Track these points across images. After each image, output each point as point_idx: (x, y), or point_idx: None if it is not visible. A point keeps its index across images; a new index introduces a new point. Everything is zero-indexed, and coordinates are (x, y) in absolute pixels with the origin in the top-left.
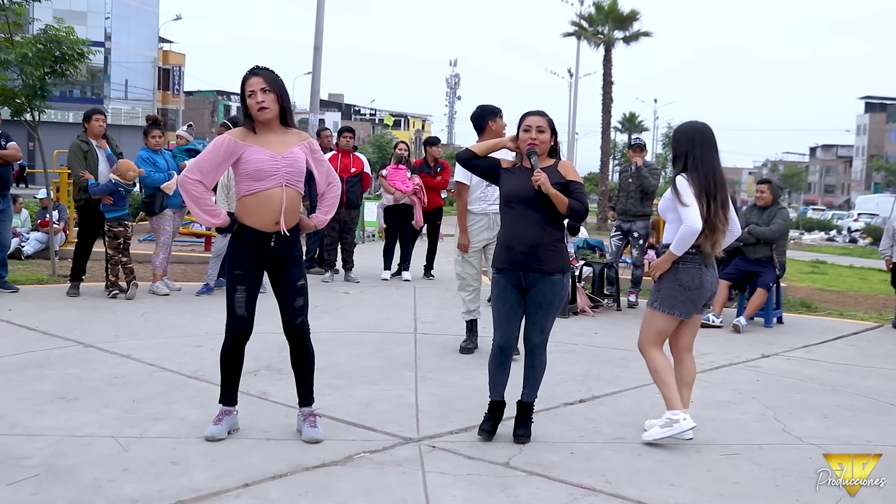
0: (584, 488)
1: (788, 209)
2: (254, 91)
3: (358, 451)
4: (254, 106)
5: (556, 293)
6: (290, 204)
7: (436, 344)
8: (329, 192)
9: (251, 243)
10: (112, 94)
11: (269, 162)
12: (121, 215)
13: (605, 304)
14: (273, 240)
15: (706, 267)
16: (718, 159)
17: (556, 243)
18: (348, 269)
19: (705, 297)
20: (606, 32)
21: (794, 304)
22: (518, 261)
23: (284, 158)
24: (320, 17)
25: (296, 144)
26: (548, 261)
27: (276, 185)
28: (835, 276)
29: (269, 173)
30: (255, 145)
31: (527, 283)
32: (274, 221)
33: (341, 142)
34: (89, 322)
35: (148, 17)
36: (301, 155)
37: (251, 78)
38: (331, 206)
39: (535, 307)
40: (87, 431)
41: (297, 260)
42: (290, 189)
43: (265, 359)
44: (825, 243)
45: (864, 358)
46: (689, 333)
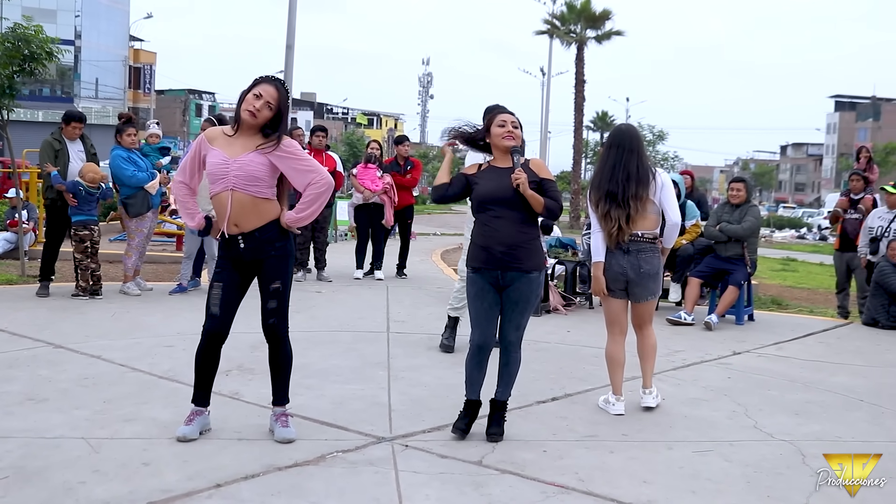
0: (556, 486)
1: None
2: (261, 96)
3: (330, 451)
4: (246, 108)
5: (533, 291)
6: (239, 208)
7: (409, 343)
8: (307, 190)
9: (226, 244)
10: (82, 92)
11: (219, 165)
12: (86, 219)
13: (578, 302)
14: (241, 241)
15: (612, 253)
16: (627, 157)
17: (532, 241)
18: (321, 268)
19: (616, 279)
20: (579, 31)
21: (765, 301)
22: (496, 260)
23: (235, 162)
24: (292, 15)
25: (257, 149)
26: (525, 259)
27: (224, 189)
28: (805, 274)
29: (219, 176)
30: (216, 147)
31: (504, 282)
32: (233, 223)
33: (314, 141)
34: (59, 323)
35: (119, 16)
36: (258, 159)
37: (267, 86)
38: (307, 204)
39: (512, 305)
40: (57, 433)
41: (275, 260)
42: (239, 193)
43: (237, 359)
44: (796, 241)
45: (834, 354)
46: (634, 315)
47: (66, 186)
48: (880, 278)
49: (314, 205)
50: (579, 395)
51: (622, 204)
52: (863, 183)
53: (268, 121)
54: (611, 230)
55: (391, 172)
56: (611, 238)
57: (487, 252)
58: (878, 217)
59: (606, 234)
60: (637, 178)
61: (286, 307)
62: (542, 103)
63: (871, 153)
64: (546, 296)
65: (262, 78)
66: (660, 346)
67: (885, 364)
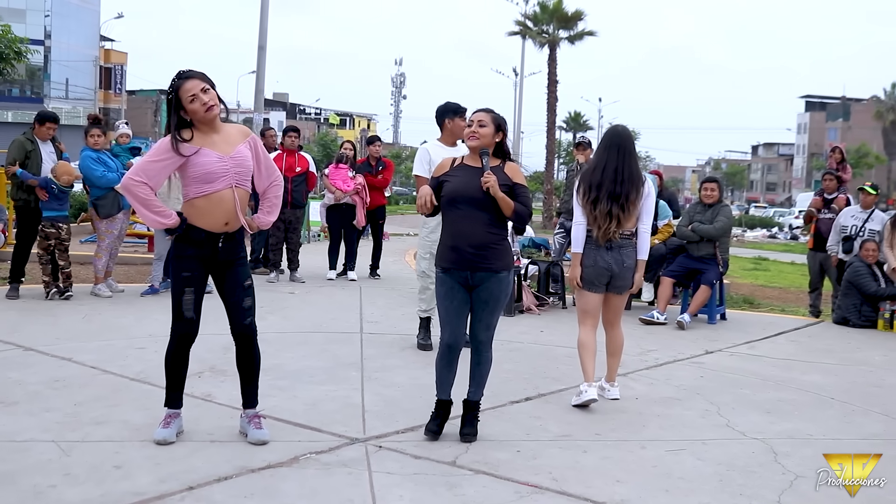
0: (530, 486)
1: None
2: (195, 94)
3: (304, 452)
4: (200, 109)
5: (503, 290)
6: (242, 204)
7: (382, 343)
8: (270, 191)
9: (200, 244)
10: (52, 93)
11: (217, 164)
12: (55, 216)
13: (551, 302)
14: (221, 241)
15: (598, 249)
16: (628, 160)
17: (501, 242)
18: (293, 269)
19: (602, 274)
20: (551, 32)
21: (737, 300)
22: (465, 260)
23: (232, 158)
24: (264, 16)
25: (241, 142)
26: (494, 259)
27: (226, 187)
28: (777, 273)
29: (219, 175)
30: (202, 147)
31: (474, 282)
32: (224, 222)
33: (286, 141)
34: (29, 325)
35: (89, 16)
36: (248, 153)
37: (187, 83)
38: (273, 206)
39: (482, 304)
40: (27, 436)
41: (243, 261)
42: (240, 189)
43: (209, 360)
44: (767, 240)
45: (805, 353)
46: (607, 310)
47: (39, 182)
48: (854, 278)
49: (277, 207)
50: (553, 395)
51: (623, 205)
52: (836, 182)
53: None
54: (607, 228)
55: (363, 173)
56: (604, 235)
57: (456, 252)
58: (851, 216)
59: (601, 231)
60: (634, 180)
61: (255, 307)
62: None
63: (843, 153)
64: (519, 296)
65: (175, 82)
66: (633, 345)
67: (856, 362)
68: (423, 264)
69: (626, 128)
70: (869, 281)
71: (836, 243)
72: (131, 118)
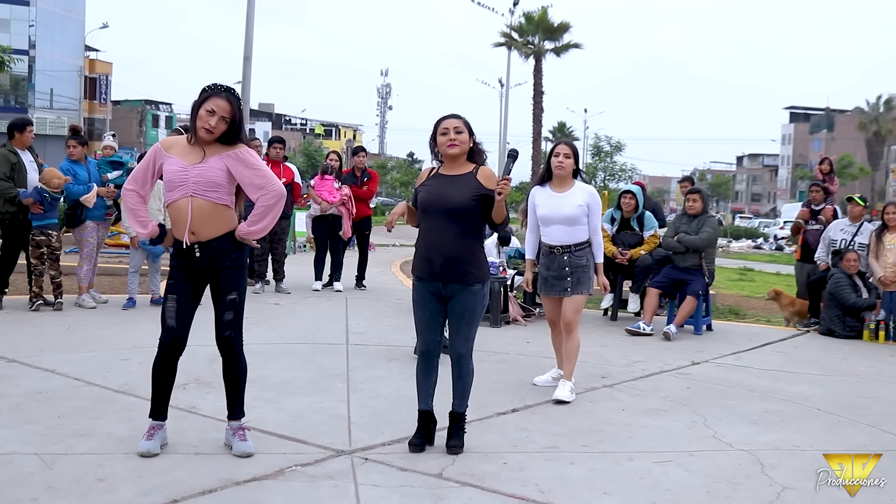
0: (517, 498)
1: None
2: (214, 112)
3: (289, 465)
4: (205, 125)
5: (478, 302)
6: (199, 214)
7: (368, 355)
8: (259, 200)
9: (179, 254)
10: (37, 102)
11: (178, 172)
12: (45, 224)
13: (537, 312)
14: (197, 250)
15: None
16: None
17: (474, 254)
18: (279, 279)
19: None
20: (537, 43)
21: (723, 311)
22: (437, 272)
23: (194, 168)
24: (250, 27)
25: (215, 154)
26: (466, 272)
27: (182, 196)
28: (762, 284)
29: (177, 184)
30: (174, 156)
31: (446, 293)
32: (188, 231)
33: (271, 152)
34: (12, 336)
35: (74, 26)
36: (216, 164)
37: (219, 99)
38: (259, 216)
39: (458, 317)
40: (9, 449)
41: (230, 272)
42: (198, 199)
43: (194, 371)
44: (752, 251)
45: (791, 364)
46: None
47: (32, 197)
48: (835, 289)
49: (267, 217)
50: (539, 407)
51: None
52: (822, 193)
53: (224, 133)
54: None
55: (349, 184)
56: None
57: (428, 263)
58: (840, 230)
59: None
60: None
61: (241, 319)
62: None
63: (832, 165)
64: (506, 307)
65: (213, 90)
66: (619, 356)
67: (842, 373)
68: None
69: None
70: (848, 292)
71: (825, 254)
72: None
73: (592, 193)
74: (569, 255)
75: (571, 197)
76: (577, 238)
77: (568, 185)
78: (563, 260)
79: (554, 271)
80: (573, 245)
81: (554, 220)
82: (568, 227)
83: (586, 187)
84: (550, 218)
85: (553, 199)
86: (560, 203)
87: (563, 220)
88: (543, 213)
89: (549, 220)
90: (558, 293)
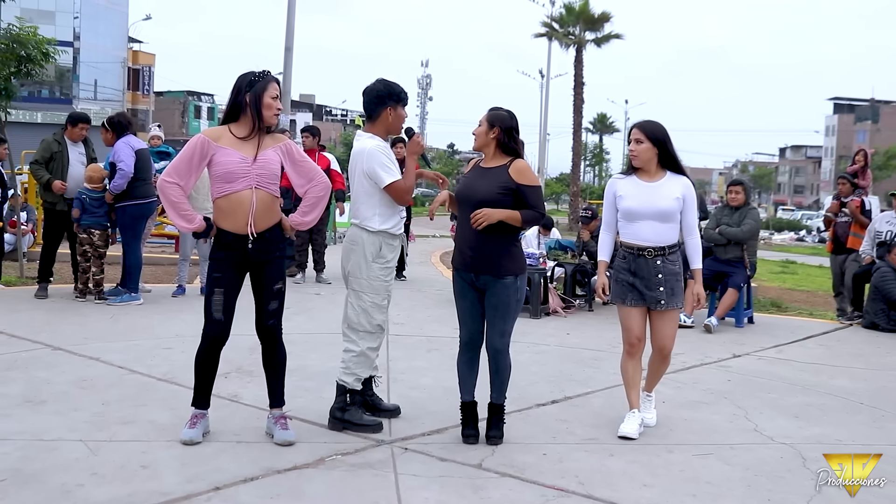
0: (556, 489)
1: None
2: (277, 97)
3: (330, 454)
4: (273, 110)
5: (511, 296)
6: (261, 206)
7: (407, 345)
8: (309, 192)
9: (228, 246)
10: (81, 94)
11: (238, 164)
12: (89, 223)
13: (578, 304)
14: (250, 242)
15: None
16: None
17: (504, 246)
18: (319, 270)
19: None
20: (577, 34)
21: (765, 304)
22: (468, 263)
23: (256, 160)
24: (291, 17)
25: (269, 147)
26: (496, 265)
27: (245, 188)
28: (804, 276)
29: (239, 175)
30: (226, 147)
31: (480, 285)
32: (246, 223)
33: (304, 142)
34: (57, 324)
35: (117, 17)
36: (274, 157)
37: (276, 85)
38: (310, 207)
39: (492, 310)
40: (54, 435)
41: (277, 262)
42: (261, 191)
43: (236, 361)
44: (795, 243)
45: (834, 357)
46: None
47: (74, 205)
48: (880, 283)
49: (317, 208)
50: (579, 399)
51: None
52: (849, 186)
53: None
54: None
55: None
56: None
57: (461, 254)
58: (886, 221)
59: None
60: None
61: (283, 308)
62: (541, 105)
63: (867, 158)
64: (545, 298)
65: (267, 76)
66: None
67: (885, 367)
68: (380, 316)
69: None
70: (894, 286)
71: (870, 247)
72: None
73: (688, 185)
74: (662, 258)
75: (665, 188)
76: (669, 238)
77: (658, 175)
78: (656, 265)
79: (642, 278)
80: (667, 247)
81: (644, 214)
82: (660, 223)
83: (681, 178)
84: (639, 212)
85: (643, 191)
86: (652, 195)
87: (654, 216)
88: (630, 205)
89: (636, 215)
90: (651, 305)
